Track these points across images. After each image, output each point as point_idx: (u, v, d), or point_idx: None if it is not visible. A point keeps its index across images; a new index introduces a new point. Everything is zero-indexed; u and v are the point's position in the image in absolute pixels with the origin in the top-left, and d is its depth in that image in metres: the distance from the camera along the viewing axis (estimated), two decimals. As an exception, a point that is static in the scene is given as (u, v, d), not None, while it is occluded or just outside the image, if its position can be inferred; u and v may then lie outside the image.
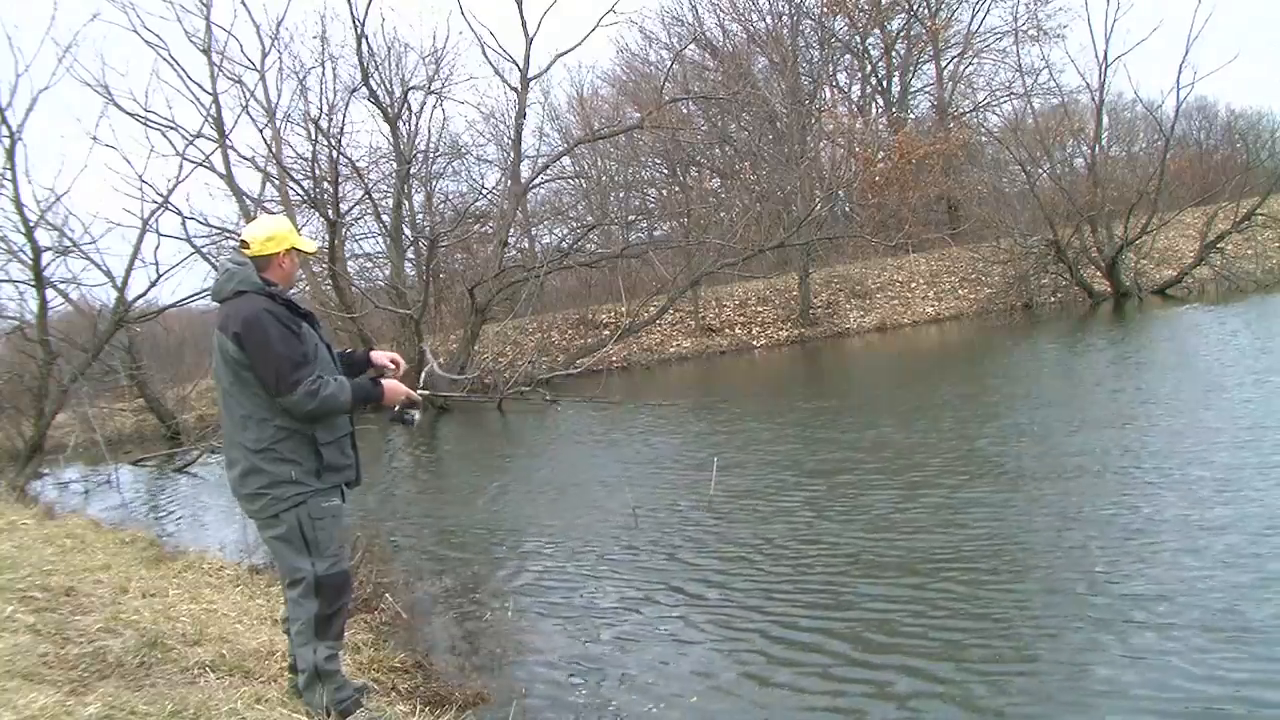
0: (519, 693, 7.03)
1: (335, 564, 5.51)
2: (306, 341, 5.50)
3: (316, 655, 5.49)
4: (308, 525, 5.43)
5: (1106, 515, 9.40)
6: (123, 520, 15.83)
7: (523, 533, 12.29)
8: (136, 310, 27.02)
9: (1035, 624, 7.15)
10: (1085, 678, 6.23)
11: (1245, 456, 10.72)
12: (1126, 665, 6.24)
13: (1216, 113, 55.82)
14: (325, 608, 5.47)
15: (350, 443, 5.76)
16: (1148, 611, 6.91)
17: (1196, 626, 6.56)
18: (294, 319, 5.49)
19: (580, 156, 44.76)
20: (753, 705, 6.50)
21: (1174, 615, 6.81)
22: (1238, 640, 6.36)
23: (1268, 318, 24.90)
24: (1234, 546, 7.96)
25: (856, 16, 51.11)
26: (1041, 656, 6.63)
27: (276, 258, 5.63)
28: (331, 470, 5.55)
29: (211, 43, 28.64)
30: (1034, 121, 41.34)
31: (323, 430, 5.50)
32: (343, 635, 5.76)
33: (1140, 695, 5.89)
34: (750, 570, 9.35)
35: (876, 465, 13.21)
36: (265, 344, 5.31)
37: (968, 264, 42.88)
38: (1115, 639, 6.63)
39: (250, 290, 5.47)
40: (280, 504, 5.41)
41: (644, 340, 39.17)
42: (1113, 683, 6.09)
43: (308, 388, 5.29)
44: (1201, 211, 38.99)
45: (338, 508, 5.60)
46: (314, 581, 5.44)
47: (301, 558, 5.46)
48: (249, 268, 5.56)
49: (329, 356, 5.72)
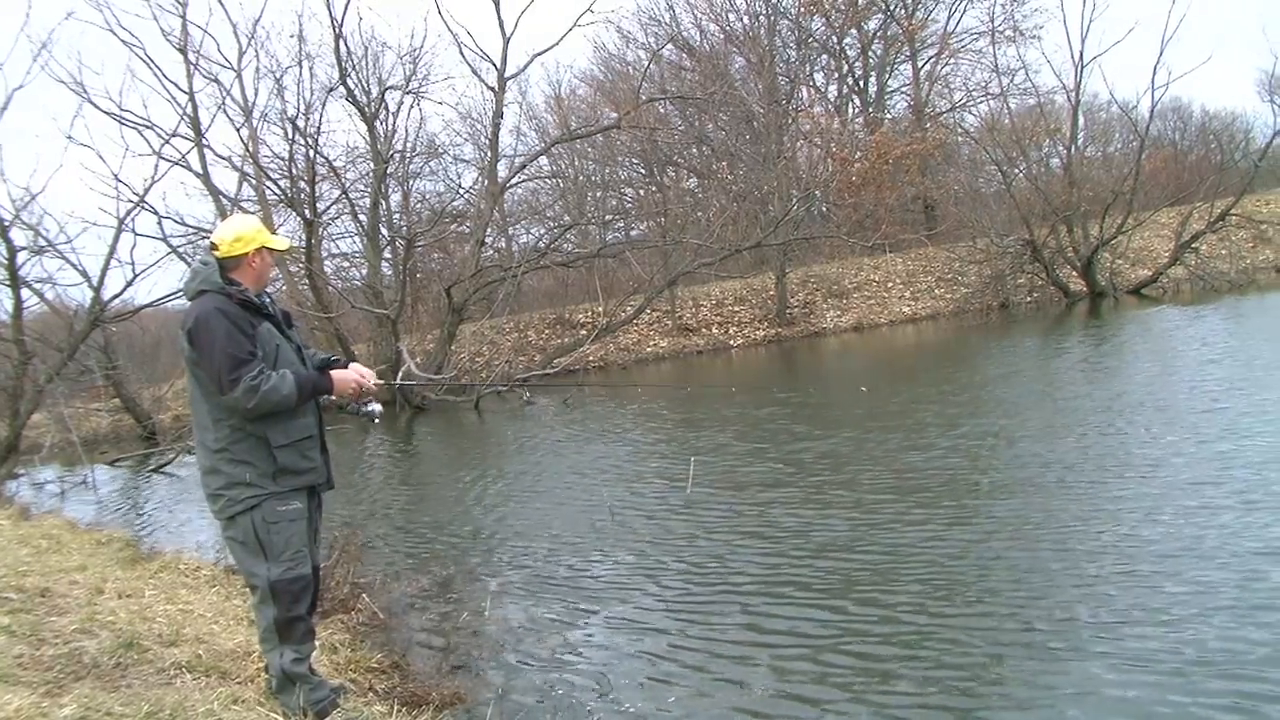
0: (496, 693, 7.05)
1: (291, 569, 5.46)
2: (262, 341, 5.47)
3: (283, 660, 5.50)
4: (262, 529, 5.41)
5: (1062, 530, 9.37)
6: (98, 521, 15.79)
7: (500, 532, 12.30)
8: (112, 310, 26.99)
9: (984, 627, 7.19)
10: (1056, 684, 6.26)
11: (1201, 473, 10.61)
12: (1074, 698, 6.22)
13: (1191, 113, 56.25)
14: (283, 612, 5.46)
15: (315, 446, 5.71)
16: (1108, 641, 6.81)
17: (1161, 656, 6.37)
18: (249, 318, 5.46)
19: (557, 156, 44.71)
20: (731, 704, 6.51)
21: (1128, 644, 6.62)
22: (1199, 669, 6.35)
23: (1240, 318, 25.05)
24: (1181, 572, 7.92)
25: (833, 17, 51.14)
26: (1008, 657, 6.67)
27: (246, 258, 5.61)
28: (289, 473, 5.50)
29: (188, 41, 28.62)
30: (1010, 122, 41.56)
31: (277, 432, 5.44)
32: (310, 638, 5.71)
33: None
34: (729, 568, 9.38)
35: (840, 467, 13.25)
36: (211, 342, 5.30)
37: (944, 264, 43.05)
38: (1074, 666, 6.63)
39: (211, 290, 5.47)
40: (235, 505, 5.40)
41: (621, 340, 39.20)
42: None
43: (248, 384, 5.24)
44: (1176, 212, 39.27)
45: (297, 511, 5.53)
46: (268, 587, 5.43)
47: (257, 561, 5.45)
48: (213, 268, 5.56)
49: (295, 358, 5.68)
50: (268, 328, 5.56)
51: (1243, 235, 39.98)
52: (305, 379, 5.51)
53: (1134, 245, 39.06)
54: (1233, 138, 52.34)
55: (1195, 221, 36.87)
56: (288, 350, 5.64)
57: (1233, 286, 34.08)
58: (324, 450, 5.83)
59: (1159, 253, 39.32)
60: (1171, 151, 50.85)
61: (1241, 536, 8.14)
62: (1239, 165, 44.44)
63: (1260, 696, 5.68)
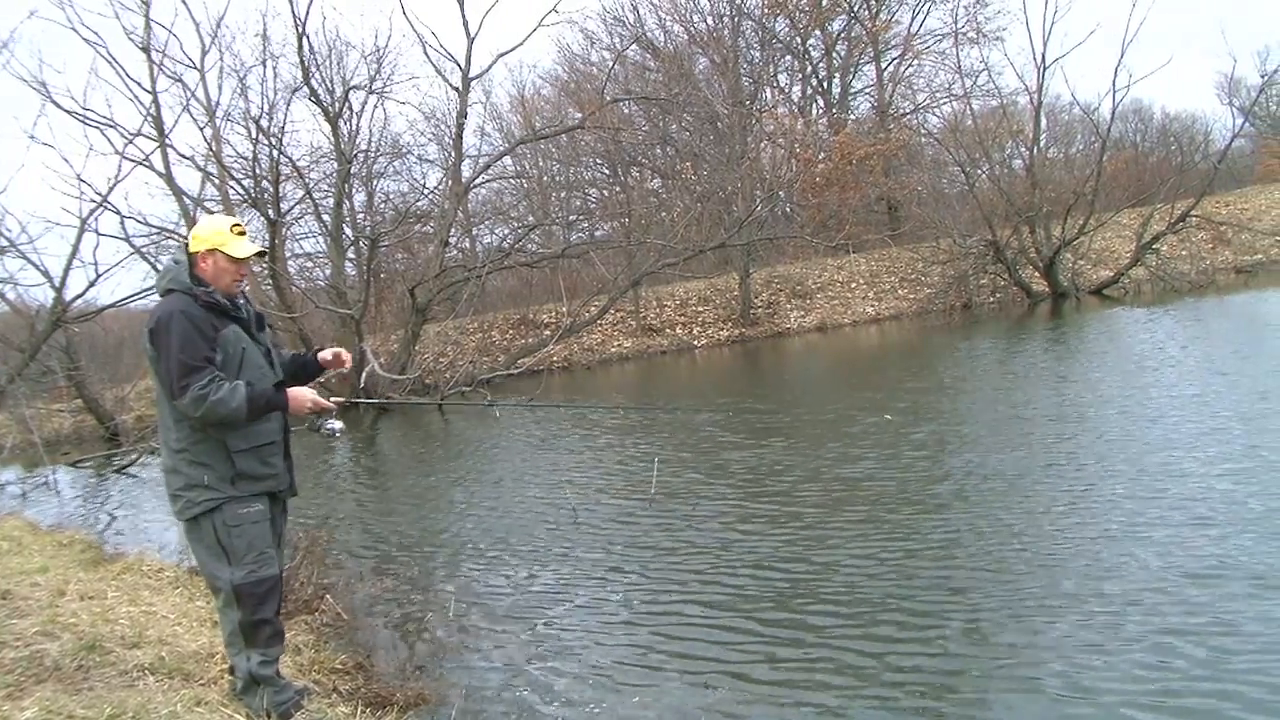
0: (460, 693, 7.06)
1: (254, 572, 5.44)
2: (226, 344, 5.45)
3: (250, 663, 5.49)
4: (223, 532, 5.39)
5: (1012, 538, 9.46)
6: (61, 522, 15.66)
7: (464, 533, 12.30)
8: (75, 310, 26.87)
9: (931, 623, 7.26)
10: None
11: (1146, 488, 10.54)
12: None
13: (1152, 115, 56.87)
14: (248, 615, 5.44)
15: (277, 452, 5.69)
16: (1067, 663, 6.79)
17: (1106, 680, 6.27)
18: (213, 320, 5.43)
19: (521, 156, 44.77)
20: (695, 704, 6.56)
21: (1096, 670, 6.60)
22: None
23: (1199, 320, 25.24)
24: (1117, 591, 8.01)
25: (797, 18, 51.29)
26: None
27: (199, 256, 5.57)
28: (248, 479, 5.48)
29: (151, 40, 28.38)
30: (973, 123, 41.70)
31: (235, 437, 5.42)
32: (278, 641, 5.69)
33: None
34: (692, 570, 9.42)
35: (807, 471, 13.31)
36: (167, 345, 5.29)
37: (907, 264, 43.24)
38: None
39: (178, 289, 5.46)
40: (194, 507, 5.39)
41: (585, 340, 39.21)
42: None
43: (195, 393, 5.20)
44: (1137, 213, 39.49)
45: (259, 514, 5.52)
46: (231, 590, 5.42)
47: (219, 565, 5.44)
48: (183, 266, 5.55)
49: (262, 360, 5.66)
50: (235, 330, 5.53)
51: (1203, 236, 40.28)
52: (258, 395, 5.41)
53: (1096, 246, 39.33)
54: (1193, 139, 52.94)
55: (1156, 222, 37.15)
56: (254, 353, 5.61)
57: (1193, 287, 34.36)
58: (287, 456, 5.81)
59: (1120, 253, 39.57)
60: (1132, 153, 51.19)
61: (1184, 560, 8.00)
62: (1199, 167, 44.89)
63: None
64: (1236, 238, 40.97)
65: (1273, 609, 6.83)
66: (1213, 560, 7.83)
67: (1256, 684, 5.84)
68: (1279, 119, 61.40)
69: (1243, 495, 9.36)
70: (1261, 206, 45.25)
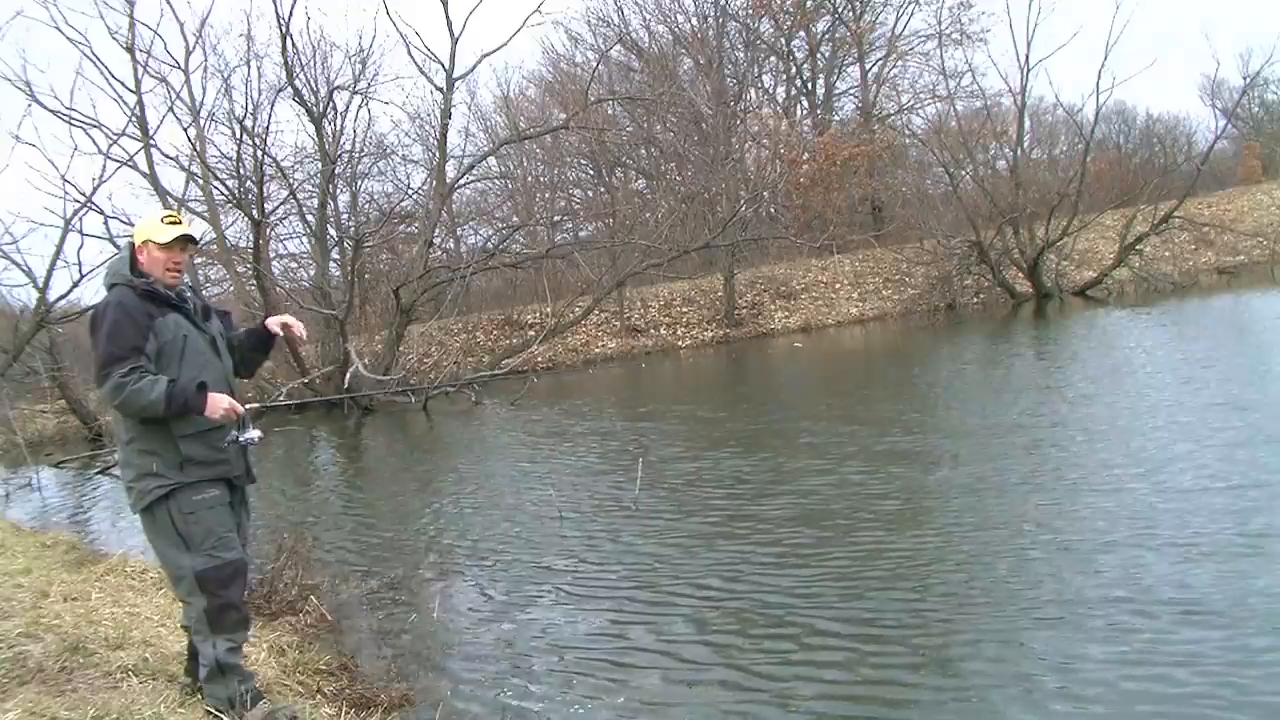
0: (445, 694, 7.05)
1: (215, 555, 5.42)
2: (163, 330, 5.45)
3: (216, 650, 5.43)
4: (179, 520, 5.38)
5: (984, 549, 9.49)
6: (44, 523, 15.64)
7: (448, 534, 12.28)
8: (58, 311, 26.82)
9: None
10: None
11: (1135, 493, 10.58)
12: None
13: (1135, 117, 56.87)
14: (213, 601, 5.40)
15: (225, 438, 5.62)
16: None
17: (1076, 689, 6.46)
18: (148, 309, 5.44)
19: (506, 157, 44.74)
20: (681, 703, 6.57)
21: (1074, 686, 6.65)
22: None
23: (1181, 322, 25.33)
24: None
25: (782, 19, 51.32)
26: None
27: (137, 249, 5.61)
28: (197, 464, 5.45)
29: (136, 40, 28.39)
30: (957, 124, 41.83)
31: (180, 423, 5.39)
32: (244, 626, 5.65)
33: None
34: (677, 569, 9.42)
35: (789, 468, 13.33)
36: (97, 334, 5.34)
37: (891, 265, 43.32)
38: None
39: (120, 282, 5.51)
40: (147, 497, 5.38)
41: (569, 341, 39.24)
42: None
43: (116, 380, 5.21)
44: (1121, 214, 39.59)
45: (215, 498, 5.49)
46: (193, 578, 5.39)
47: (179, 553, 5.43)
48: (124, 260, 5.62)
49: (205, 348, 5.65)
50: (175, 319, 5.52)
51: (1186, 237, 40.50)
52: (178, 391, 5.31)
53: (1079, 247, 39.50)
54: (1176, 141, 53.12)
55: (1139, 224, 37.27)
56: (198, 340, 5.61)
57: (1176, 288, 34.56)
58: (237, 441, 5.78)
59: (1104, 254, 39.71)
60: (1116, 154, 51.29)
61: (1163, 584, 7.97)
62: (1182, 168, 45.02)
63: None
64: (1219, 239, 41.19)
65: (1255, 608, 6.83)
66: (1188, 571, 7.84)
67: (1229, 704, 5.77)
68: (1262, 121, 61.58)
69: (1222, 506, 9.18)
70: (1244, 208, 45.42)
